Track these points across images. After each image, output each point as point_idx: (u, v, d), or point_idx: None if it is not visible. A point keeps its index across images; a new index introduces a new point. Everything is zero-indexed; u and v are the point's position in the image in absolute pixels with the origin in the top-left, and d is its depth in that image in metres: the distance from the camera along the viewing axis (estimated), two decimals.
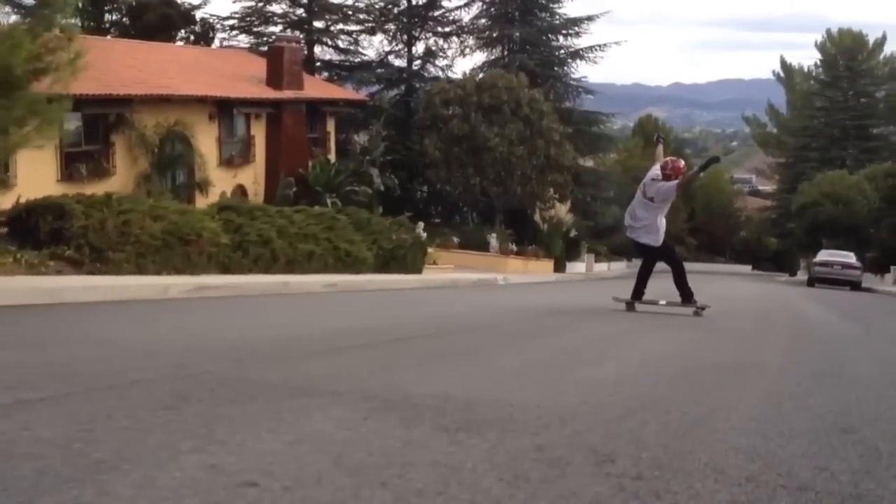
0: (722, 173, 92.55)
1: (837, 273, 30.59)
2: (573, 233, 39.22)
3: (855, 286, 30.57)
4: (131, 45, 30.58)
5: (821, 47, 70.69)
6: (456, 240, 31.00)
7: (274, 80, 31.13)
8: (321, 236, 16.96)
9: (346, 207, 21.07)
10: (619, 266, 65.21)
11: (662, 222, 9.91)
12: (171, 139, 25.38)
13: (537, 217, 36.62)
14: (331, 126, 34.98)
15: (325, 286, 13.11)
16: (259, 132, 30.75)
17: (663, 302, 10.52)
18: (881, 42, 70.55)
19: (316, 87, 34.48)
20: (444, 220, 42.52)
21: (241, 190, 29.65)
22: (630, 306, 10.44)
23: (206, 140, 27.76)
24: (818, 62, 71.08)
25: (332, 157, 34.57)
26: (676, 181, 9.59)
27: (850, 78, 67.93)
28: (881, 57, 70.76)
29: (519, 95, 31.07)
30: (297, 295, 11.25)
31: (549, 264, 36.84)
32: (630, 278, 34.20)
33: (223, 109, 28.84)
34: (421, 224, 24.82)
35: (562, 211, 37.17)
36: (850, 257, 31.68)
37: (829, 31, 70.61)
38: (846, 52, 68.24)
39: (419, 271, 21.14)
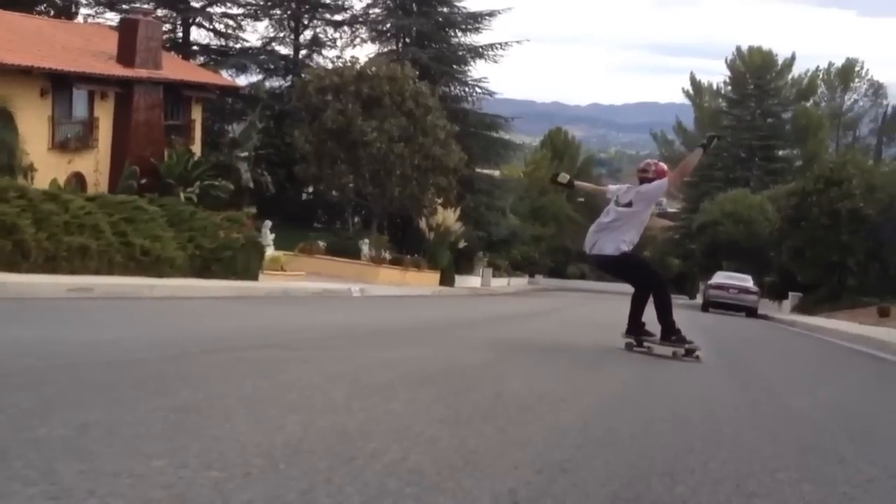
0: None
1: (733, 297, 28.51)
2: (462, 243, 36.44)
3: (751, 312, 28.53)
4: None
5: (730, 65, 70.12)
6: (323, 244, 27.89)
7: (125, 56, 27.55)
8: (108, 229, 13.75)
9: (167, 200, 17.77)
10: (521, 282, 63.04)
11: (633, 233, 7.79)
12: None
13: (423, 225, 33.73)
14: (197, 113, 31.45)
15: (71, 291, 9.93)
16: (105, 114, 27.12)
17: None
18: (790, 63, 70.42)
19: (178, 69, 30.94)
20: (328, 224, 39.41)
21: (77, 178, 26.02)
22: (630, 347, 8.10)
23: (34, 119, 24.13)
24: (727, 80, 70.52)
25: (197, 147, 31.07)
26: (666, 178, 7.85)
27: (758, 97, 67.39)
28: (789, 78, 70.63)
29: (403, 88, 28.16)
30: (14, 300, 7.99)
31: (433, 276, 33.99)
32: (530, 296, 31.26)
33: (61, 86, 25.25)
34: (268, 223, 21.70)
35: (450, 219, 34.36)
36: (747, 281, 29.68)
37: (738, 49, 70.10)
38: (755, 70, 67.70)
39: (254, 277, 18.06)
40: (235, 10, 38.84)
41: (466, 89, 39.27)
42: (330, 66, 35.20)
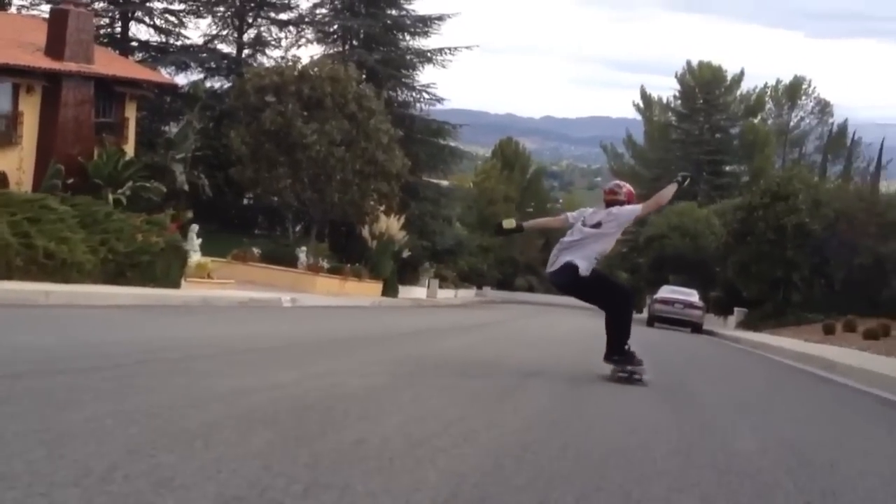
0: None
1: (678, 312, 28.04)
2: (406, 253, 35.57)
3: (696, 328, 28.09)
4: None
5: (680, 79, 70.31)
6: (257, 251, 26.80)
7: (54, 49, 26.19)
8: (7, 229, 12.68)
9: (80, 200, 16.60)
10: (468, 294, 62.27)
11: (599, 250, 7.36)
12: None
13: (366, 233, 32.79)
14: (131, 111, 30.12)
15: None
16: (30, 109, 25.74)
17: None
18: (739, 78, 70.93)
19: (112, 64, 29.61)
20: (269, 230, 38.20)
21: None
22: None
23: None
24: (676, 94, 70.72)
25: (131, 147, 29.76)
26: (640, 205, 7.58)
27: (707, 112, 67.70)
28: (738, 94, 71.08)
29: (346, 89, 27.21)
30: None
31: (375, 287, 33.08)
32: (475, 308, 30.46)
33: None
34: (195, 227, 20.57)
35: (394, 227, 33.46)
36: (692, 295, 29.25)
37: (689, 63, 70.39)
38: (704, 85, 67.96)
39: (175, 285, 16.99)
40: (177, 6, 37.58)
41: (414, 94, 38.46)
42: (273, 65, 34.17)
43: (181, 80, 37.13)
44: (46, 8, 36.31)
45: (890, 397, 8.78)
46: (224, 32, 38.50)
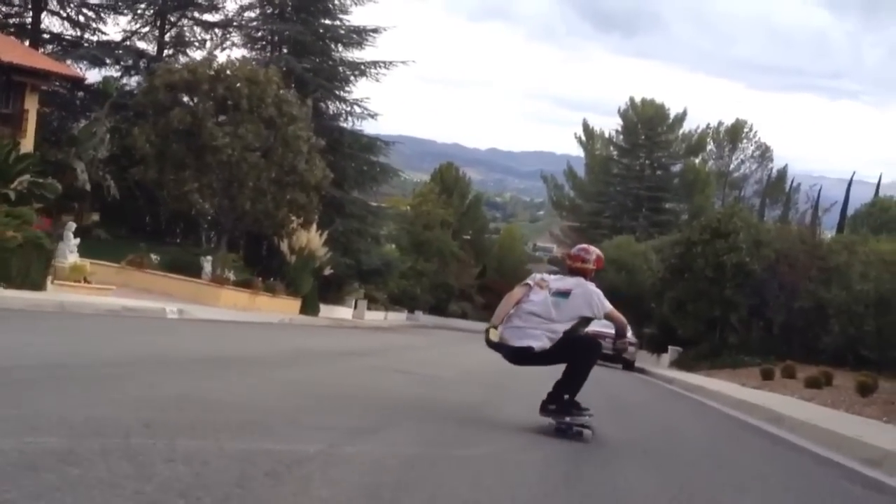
0: (516, 234, 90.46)
1: (610, 347, 26.26)
2: (328, 270, 33.36)
3: (628, 365, 26.38)
4: None
5: (623, 115, 69.59)
6: (156, 258, 24.39)
7: None
8: None
9: None
10: (399, 317, 60.14)
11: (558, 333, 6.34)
12: None
13: (285, 247, 30.57)
14: (31, 103, 27.59)
15: None
16: None
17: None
18: (681, 118, 70.48)
19: (12, 51, 27.11)
20: (184, 238, 35.61)
21: None
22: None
23: None
24: (619, 129, 69.97)
25: (30, 141, 27.20)
26: (612, 312, 6.62)
27: (648, 148, 67.02)
28: (679, 133, 70.62)
29: (265, 92, 25.09)
30: None
31: (292, 303, 30.80)
32: (398, 332, 28.33)
33: None
34: (72, 225, 18.19)
35: (315, 242, 31.29)
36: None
37: (632, 100, 69.77)
38: (647, 121, 67.34)
39: (38, 287, 14.73)
40: (94, 0, 35.09)
41: (345, 107, 36.38)
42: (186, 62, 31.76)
43: (96, 76, 34.65)
44: None
45: (854, 466, 7.06)
46: (144, 30, 36.11)
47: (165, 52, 36.15)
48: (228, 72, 25.48)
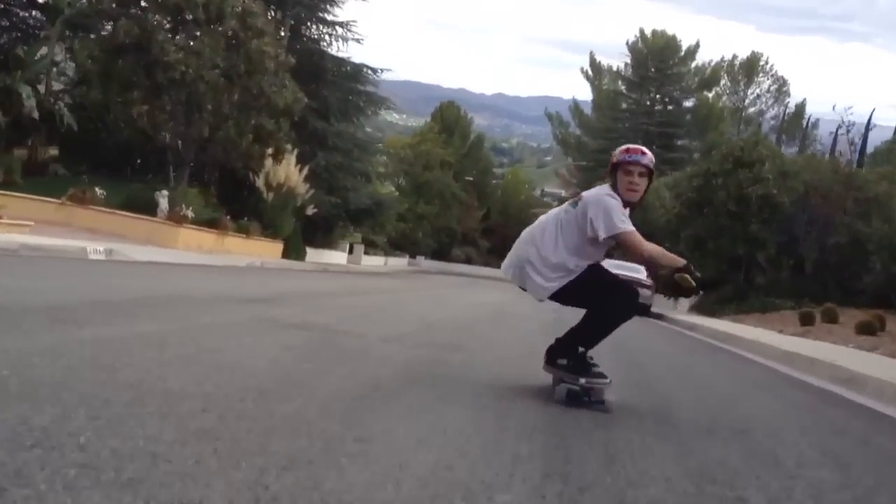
0: (521, 177, 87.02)
1: (647, 296, 23.18)
2: (311, 209, 30.25)
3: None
4: None
5: (632, 48, 65.71)
6: (102, 193, 21.31)
7: None
8: None
9: None
10: (399, 262, 57.16)
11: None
12: None
13: (260, 183, 27.48)
14: None
15: None
16: None
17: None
18: (694, 50, 66.64)
19: None
20: (154, 173, 32.31)
21: None
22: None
23: None
24: (627, 63, 66.14)
25: None
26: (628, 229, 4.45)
27: (659, 81, 63.22)
28: (692, 66, 66.83)
29: (224, 2, 21.76)
30: None
31: (271, 246, 27.82)
32: (398, 277, 25.22)
33: None
34: None
35: (293, 178, 28.18)
36: (639, 272, 24.36)
37: (641, 31, 65.96)
38: (657, 53, 63.53)
39: None
40: None
41: (329, 31, 32.84)
42: None
43: None
44: None
45: None
46: None
47: None
48: None
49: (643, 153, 4.54)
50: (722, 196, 26.55)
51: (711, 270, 27.36)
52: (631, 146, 4.65)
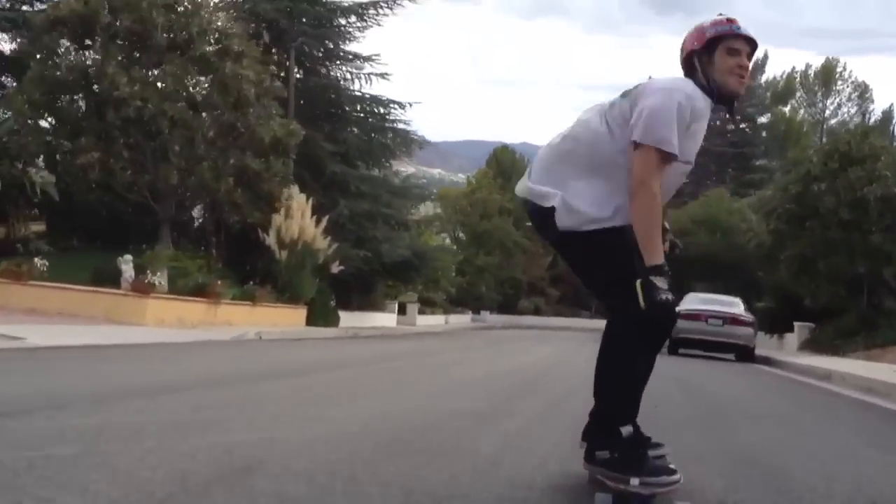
0: None
1: (715, 331, 17.96)
2: (336, 267, 25.82)
3: (744, 354, 18.11)
4: None
5: None
6: (43, 264, 17.18)
7: None
8: None
9: None
10: (462, 320, 52.70)
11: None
12: None
13: (271, 240, 23.34)
14: None
15: None
16: None
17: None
18: (762, 63, 61.71)
19: None
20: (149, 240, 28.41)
21: None
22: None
23: None
24: None
25: None
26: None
27: None
28: (763, 80, 61.64)
29: (189, 22, 17.82)
30: None
31: (288, 313, 23.58)
32: (460, 335, 20.51)
33: None
34: None
35: (309, 230, 23.99)
36: (735, 305, 19.24)
37: None
38: None
39: None
40: None
41: (347, 67, 28.78)
42: None
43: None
44: None
45: None
46: None
47: None
48: None
49: None
50: (830, 203, 21.23)
51: (824, 297, 22.00)
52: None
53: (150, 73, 17.19)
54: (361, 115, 28.94)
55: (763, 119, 60.56)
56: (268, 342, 16.64)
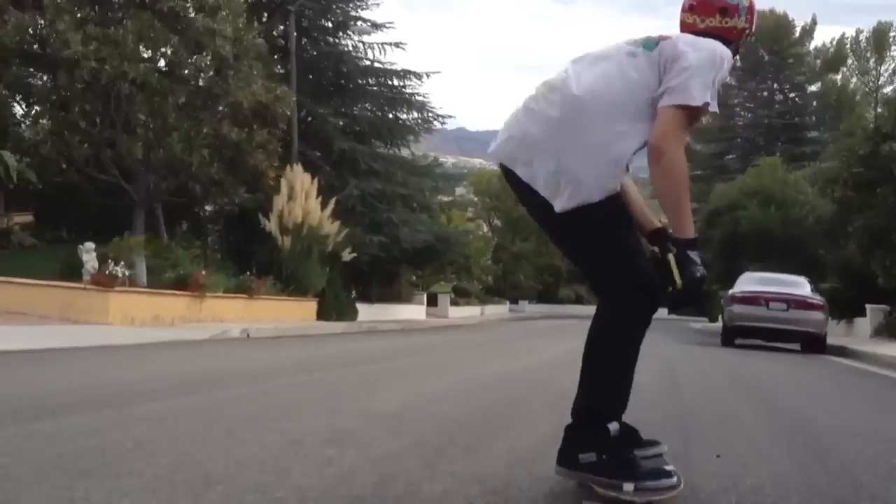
0: None
1: (779, 317, 15.09)
2: (347, 254, 23.36)
3: (814, 343, 15.21)
4: None
5: None
6: None
7: None
8: None
9: None
10: (499, 310, 50.28)
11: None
12: None
13: (272, 226, 21.01)
14: None
15: None
16: None
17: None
18: (810, 29, 57.97)
19: None
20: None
21: None
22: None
23: None
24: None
25: None
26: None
27: (776, 67, 54.36)
28: (811, 47, 58.07)
29: None
30: None
31: (298, 307, 21.31)
32: (493, 326, 18.44)
33: None
34: None
35: (314, 213, 21.62)
36: (801, 286, 16.34)
37: None
38: (768, 35, 54.72)
39: None
40: None
41: (358, 37, 26.26)
42: None
43: None
44: None
45: None
46: None
47: None
48: None
49: None
50: None
51: None
52: None
53: (109, 30, 14.76)
54: (374, 87, 26.43)
55: (813, 88, 56.90)
56: (254, 340, 14.26)
